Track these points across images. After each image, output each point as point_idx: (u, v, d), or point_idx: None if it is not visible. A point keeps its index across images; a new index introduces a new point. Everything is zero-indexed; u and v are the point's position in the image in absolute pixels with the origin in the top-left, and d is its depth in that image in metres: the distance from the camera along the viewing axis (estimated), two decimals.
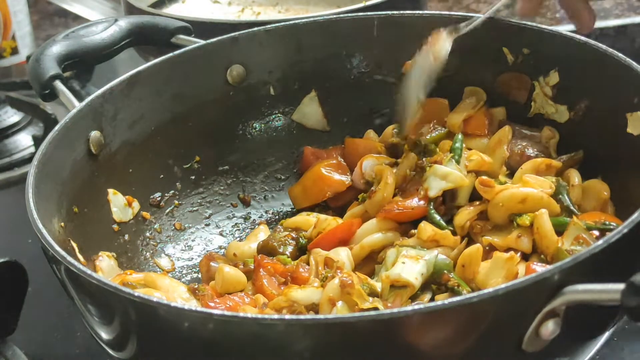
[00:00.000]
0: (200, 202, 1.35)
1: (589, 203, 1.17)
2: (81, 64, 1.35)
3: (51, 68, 1.28)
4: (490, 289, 0.82)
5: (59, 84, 1.26)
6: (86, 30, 1.36)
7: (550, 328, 0.84)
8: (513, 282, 0.83)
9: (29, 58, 1.69)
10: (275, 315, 0.99)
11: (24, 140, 1.77)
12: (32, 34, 2.03)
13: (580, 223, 1.08)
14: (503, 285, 0.83)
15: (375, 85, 1.38)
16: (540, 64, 1.27)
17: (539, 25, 1.28)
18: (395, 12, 1.36)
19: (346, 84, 1.39)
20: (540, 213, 1.09)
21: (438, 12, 1.33)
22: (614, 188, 1.16)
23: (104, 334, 0.97)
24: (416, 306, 0.83)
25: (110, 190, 1.23)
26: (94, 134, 1.21)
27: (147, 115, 1.29)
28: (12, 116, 1.80)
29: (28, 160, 1.70)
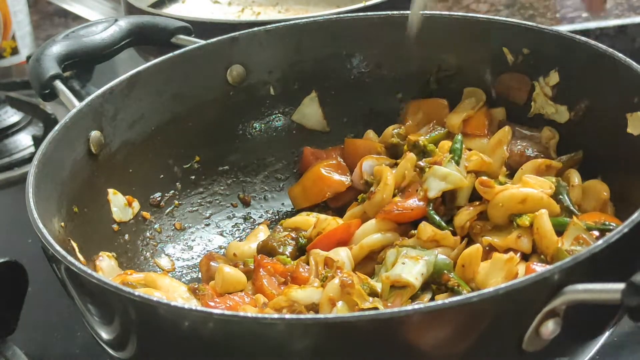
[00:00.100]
0: (200, 202, 1.35)
1: (588, 203, 1.17)
2: (81, 64, 1.35)
3: (51, 68, 1.28)
4: (490, 289, 0.82)
5: (59, 84, 1.26)
6: (86, 30, 1.36)
7: (550, 328, 0.84)
8: (513, 282, 0.83)
9: (29, 58, 1.69)
10: (275, 315, 0.99)
11: (24, 140, 1.76)
12: (32, 34, 2.03)
13: (580, 223, 1.07)
14: (503, 284, 0.83)
15: (375, 85, 1.38)
16: (540, 64, 1.26)
17: (539, 25, 1.28)
18: (395, 12, 1.36)
19: (346, 84, 1.39)
20: (540, 213, 1.09)
21: (438, 12, 1.32)
22: (614, 188, 1.16)
23: (104, 334, 0.97)
24: (417, 306, 0.82)
25: (110, 190, 1.23)
26: (94, 134, 1.21)
27: (147, 115, 1.29)
28: (12, 116, 1.79)
29: (28, 160, 1.70)
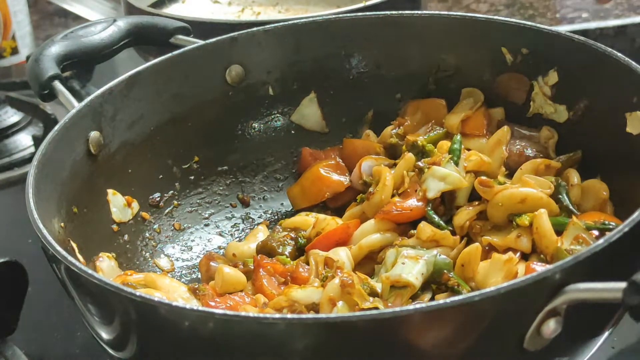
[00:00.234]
0: (199, 203, 1.34)
1: (588, 203, 1.17)
2: (80, 64, 1.34)
3: (50, 68, 1.28)
4: (492, 288, 0.82)
5: (58, 84, 1.26)
6: (85, 30, 1.36)
7: (551, 327, 0.84)
8: (515, 281, 0.83)
9: (29, 58, 1.69)
10: (276, 315, 0.99)
11: (24, 140, 1.76)
12: (32, 34, 2.03)
13: (579, 223, 1.08)
14: (505, 284, 0.83)
15: (374, 85, 1.38)
16: (539, 64, 1.26)
17: (538, 25, 1.28)
18: (394, 12, 1.35)
19: (345, 84, 1.39)
20: (540, 213, 1.09)
21: (437, 12, 1.33)
22: (613, 188, 1.16)
23: (105, 334, 0.97)
24: (418, 305, 0.82)
25: (110, 191, 1.23)
26: (93, 135, 1.21)
27: (146, 116, 1.29)
28: (12, 116, 1.79)
29: (28, 160, 1.70)
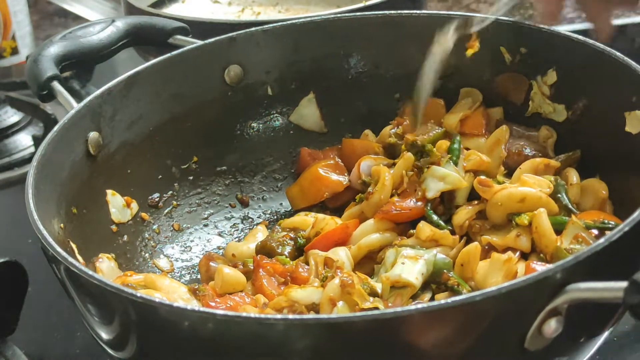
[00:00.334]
0: (198, 203, 1.34)
1: (587, 202, 1.17)
2: (79, 64, 1.34)
3: (49, 69, 1.28)
4: (493, 288, 0.82)
5: (57, 85, 1.26)
6: (83, 30, 1.36)
7: (552, 326, 0.84)
8: (516, 281, 0.83)
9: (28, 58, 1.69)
10: (277, 315, 0.99)
11: (24, 140, 1.76)
12: (32, 34, 2.02)
13: (579, 222, 1.08)
14: (506, 283, 0.83)
15: (373, 85, 1.38)
16: (538, 63, 1.26)
17: (537, 24, 1.28)
18: (393, 12, 1.35)
19: (344, 84, 1.39)
20: (539, 212, 1.09)
21: (437, 12, 1.32)
22: (612, 187, 1.16)
23: (104, 334, 0.97)
24: (419, 305, 0.82)
25: (109, 191, 1.23)
26: (93, 135, 1.21)
27: (145, 116, 1.29)
28: (12, 116, 1.79)
29: (28, 160, 1.70)
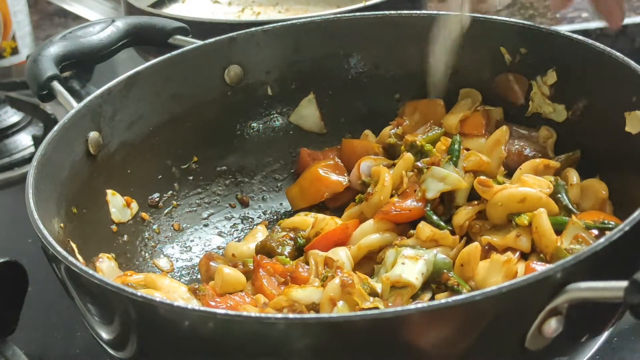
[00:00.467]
0: (198, 203, 1.34)
1: (587, 202, 1.17)
2: (79, 64, 1.35)
3: (49, 69, 1.28)
4: (493, 287, 0.82)
5: (56, 85, 1.26)
6: (83, 30, 1.36)
7: (553, 326, 0.84)
8: (516, 281, 0.83)
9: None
10: (278, 315, 0.99)
11: (24, 140, 1.76)
12: (32, 34, 2.02)
13: (579, 222, 1.08)
14: (506, 283, 0.83)
15: (373, 85, 1.38)
16: (538, 64, 1.26)
17: (537, 24, 1.28)
18: (393, 12, 1.35)
19: (344, 84, 1.39)
20: (539, 212, 1.09)
21: (437, 12, 1.32)
22: (612, 187, 1.16)
23: (105, 334, 0.97)
24: (419, 305, 0.82)
25: (109, 191, 1.23)
26: (93, 135, 1.21)
27: (145, 116, 1.29)
28: (12, 116, 1.79)
29: (28, 160, 1.70)
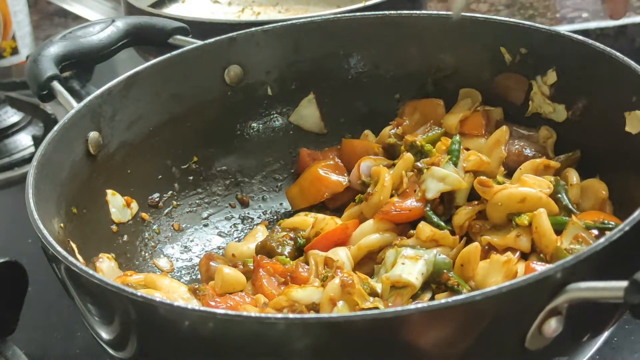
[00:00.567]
0: (198, 203, 1.34)
1: (587, 202, 1.17)
2: (79, 64, 1.34)
3: (49, 69, 1.27)
4: (493, 287, 0.82)
5: (56, 85, 1.26)
6: (83, 30, 1.36)
7: (553, 326, 0.84)
8: (516, 280, 0.83)
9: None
10: (278, 314, 0.99)
11: (24, 140, 1.76)
12: (32, 34, 2.02)
13: (579, 222, 1.08)
14: (507, 283, 0.83)
15: (373, 85, 1.38)
16: (538, 64, 1.26)
17: (537, 24, 1.28)
18: (393, 12, 1.35)
19: (344, 84, 1.39)
20: (539, 212, 1.09)
21: (436, 12, 1.32)
22: (612, 187, 1.16)
23: (105, 334, 0.97)
24: (420, 305, 0.82)
25: (109, 191, 1.23)
26: (93, 135, 1.21)
27: (145, 116, 1.29)
28: (12, 116, 1.79)
29: (28, 160, 1.70)
